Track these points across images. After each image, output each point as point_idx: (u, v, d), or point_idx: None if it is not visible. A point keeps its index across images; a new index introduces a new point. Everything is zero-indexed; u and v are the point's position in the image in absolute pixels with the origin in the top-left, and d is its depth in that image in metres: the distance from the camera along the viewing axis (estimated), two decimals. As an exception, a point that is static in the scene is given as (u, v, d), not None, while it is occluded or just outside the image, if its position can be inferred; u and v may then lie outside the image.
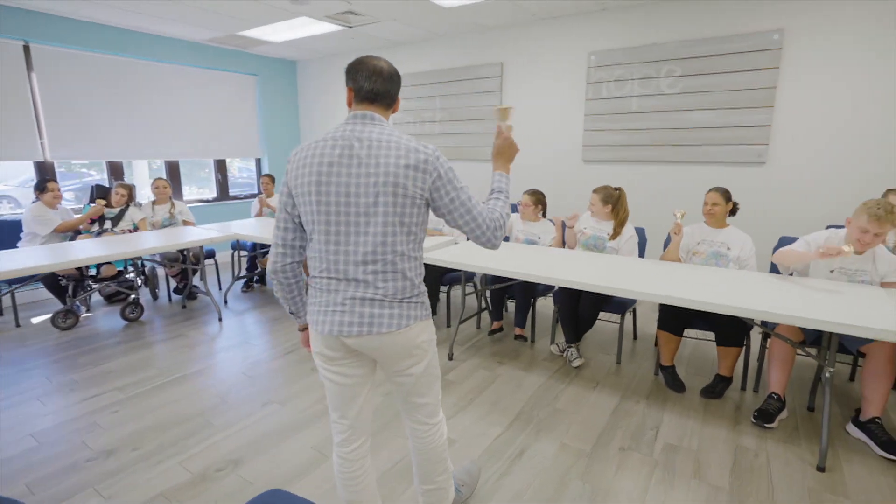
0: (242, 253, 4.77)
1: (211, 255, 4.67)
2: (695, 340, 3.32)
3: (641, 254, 3.17)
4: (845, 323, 1.78)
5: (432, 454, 1.49)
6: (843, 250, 2.08)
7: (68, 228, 3.89)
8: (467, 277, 3.23)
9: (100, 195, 4.15)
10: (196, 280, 4.49)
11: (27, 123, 4.22)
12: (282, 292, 1.39)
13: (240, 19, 4.33)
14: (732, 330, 2.52)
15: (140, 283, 4.13)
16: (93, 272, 3.85)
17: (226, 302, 4.28)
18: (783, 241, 2.79)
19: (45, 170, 4.44)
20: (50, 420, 2.37)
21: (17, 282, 3.57)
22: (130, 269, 4.04)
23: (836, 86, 3.34)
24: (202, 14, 4.18)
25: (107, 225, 4.04)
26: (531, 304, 3.33)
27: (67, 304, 3.65)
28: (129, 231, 4.09)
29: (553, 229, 3.36)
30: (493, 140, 1.66)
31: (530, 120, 4.61)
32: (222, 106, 5.69)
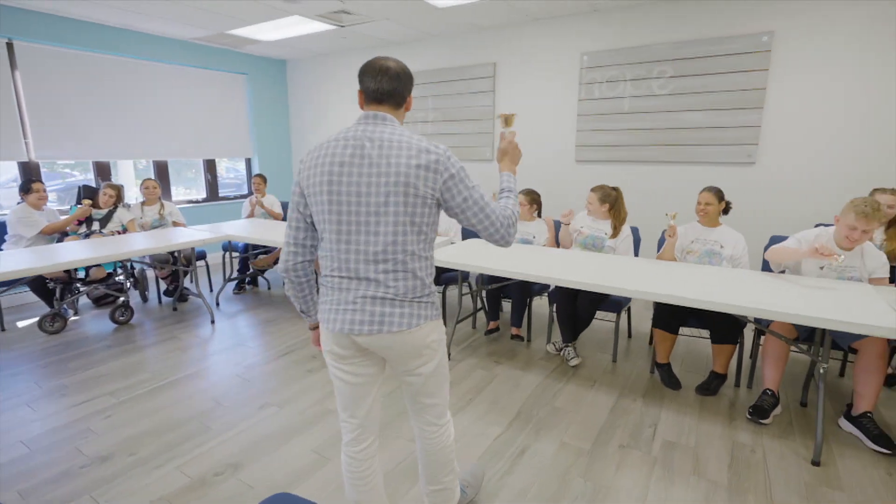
0: (234, 254, 4.71)
1: (202, 256, 4.60)
2: (689, 338, 3.37)
3: (636, 253, 3.21)
4: (839, 320, 1.82)
5: (440, 455, 1.49)
6: (836, 256, 2.16)
7: (55, 230, 3.80)
8: (463, 277, 3.24)
9: (87, 196, 4.06)
10: (187, 282, 4.43)
11: (11, 123, 4.12)
12: (293, 291, 1.40)
13: (231, 17, 4.27)
14: (727, 327, 2.56)
15: (129, 285, 4.06)
16: (81, 275, 3.77)
17: (218, 304, 4.22)
18: (774, 239, 2.85)
19: (29, 170, 4.34)
20: (41, 426, 2.32)
21: (3, 285, 3.47)
22: (120, 271, 3.97)
23: (824, 87, 3.42)
24: (192, 12, 4.12)
25: (95, 226, 3.96)
26: (527, 303, 3.34)
27: (55, 307, 3.57)
28: (118, 232, 4.02)
29: (547, 229, 3.37)
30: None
31: (523, 120, 4.61)
32: (212, 105, 5.61)
